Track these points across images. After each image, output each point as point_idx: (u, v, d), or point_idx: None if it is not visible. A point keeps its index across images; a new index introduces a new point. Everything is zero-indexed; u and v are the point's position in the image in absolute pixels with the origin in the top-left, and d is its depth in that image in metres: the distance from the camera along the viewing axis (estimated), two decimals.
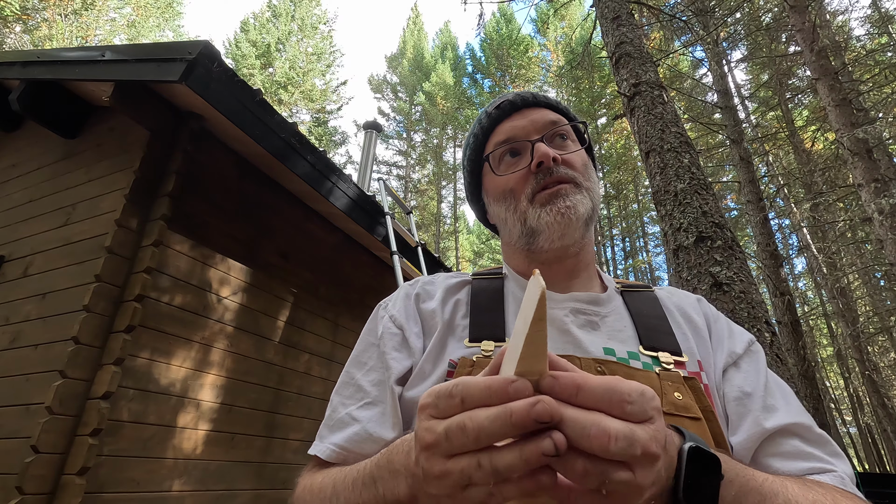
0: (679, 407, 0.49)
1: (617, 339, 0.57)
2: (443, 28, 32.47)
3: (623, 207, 24.67)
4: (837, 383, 23.79)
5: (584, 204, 0.62)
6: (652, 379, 0.51)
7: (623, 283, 0.69)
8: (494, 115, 0.69)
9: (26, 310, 2.35)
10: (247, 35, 22.42)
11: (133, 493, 2.09)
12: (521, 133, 0.66)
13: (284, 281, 3.11)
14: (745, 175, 8.63)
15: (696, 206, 3.08)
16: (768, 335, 2.61)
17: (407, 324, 0.63)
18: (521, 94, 0.70)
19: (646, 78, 3.87)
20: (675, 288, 0.71)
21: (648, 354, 0.55)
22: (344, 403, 0.61)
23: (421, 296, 0.66)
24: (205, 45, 2.18)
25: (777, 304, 7.57)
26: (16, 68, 2.69)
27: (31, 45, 15.65)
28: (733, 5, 10.15)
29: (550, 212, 0.60)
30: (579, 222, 0.61)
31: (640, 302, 0.64)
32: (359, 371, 0.62)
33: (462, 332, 0.60)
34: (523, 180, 0.64)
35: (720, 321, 0.65)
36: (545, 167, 0.62)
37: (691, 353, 0.58)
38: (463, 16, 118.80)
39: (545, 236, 0.62)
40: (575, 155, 0.65)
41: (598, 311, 0.61)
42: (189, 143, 2.51)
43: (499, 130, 0.68)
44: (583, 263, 0.67)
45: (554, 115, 0.68)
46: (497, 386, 0.29)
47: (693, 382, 0.53)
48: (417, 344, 0.61)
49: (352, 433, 0.57)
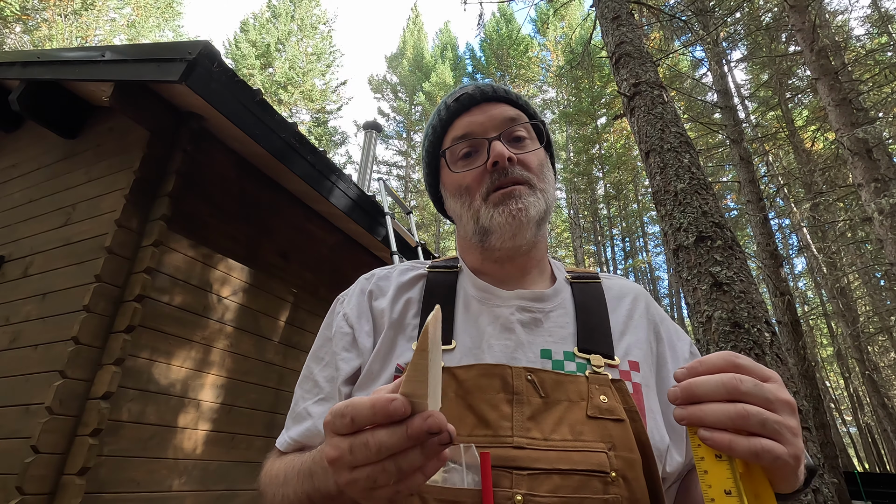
0: (603, 410, 0.52)
1: (557, 338, 0.60)
2: (443, 28, 32.49)
3: (623, 207, 24.67)
4: (837, 383, 23.79)
5: (535, 206, 0.63)
6: (580, 383, 0.54)
7: (573, 273, 0.70)
8: (453, 107, 0.68)
9: (26, 310, 2.35)
10: (246, 35, 22.42)
11: (133, 493, 2.09)
12: (479, 129, 0.66)
13: (284, 281, 3.11)
14: (745, 175, 8.63)
15: (696, 205, 3.08)
16: (768, 335, 2.61)
17: (358, 323, 0.64)
18: (481, 86, 0.69)
19: (646, 78, 3.87)
20: (625, 280, 0.72)
21: (582, 356, 0.58)
22: (303, 397, 0.64)
23: (374, 293, 0.67)
24: (205, 45, 2.18)
25: (777, 304, 7.57)
26: (16, 68, 2.69)
27: (31, 45, 15.65)
28: (733, 5, 10.15)
29: (503, 213, 0.61)
30: (531, 224, 0.62)
31: (586, 296, 0.65)
32: (316, 366, 0.65)
33: (412, 331, 0.61)
34: (478, 179, 0.64)
35: (666, 322, 0.67)
36: (500, 167, 0.62)
37: (624, 353, 0.60)
38: (463, 16, 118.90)
39: (497, 236, 0.63)
40: (531, 155, 0.66)
41: (542, 308, 0.63)
42: (189, 143, 2.51)
43: (457, 124, 0.68)
44: (534, 260, 0.68)
45: (513, 111, 0.67)
46: (380, 405, 0.34)
47: (620, 384, 0.55)
48: (367, 343, 0.62)
49: (304, 428, 0.61)
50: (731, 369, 0.40)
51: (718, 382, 0.39)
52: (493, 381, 0.53)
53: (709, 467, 0.40)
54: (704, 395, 0.39)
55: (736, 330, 2.63)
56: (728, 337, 2.63)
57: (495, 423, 0.50)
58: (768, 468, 0.39)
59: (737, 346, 2.58)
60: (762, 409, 0.38)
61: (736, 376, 0.39)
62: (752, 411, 0.38)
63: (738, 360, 0.41)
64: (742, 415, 0.38)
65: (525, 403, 0.52)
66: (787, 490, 0.42)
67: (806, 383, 7.10)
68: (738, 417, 0.38)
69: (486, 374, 0.54)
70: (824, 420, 6.82)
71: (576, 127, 22.72)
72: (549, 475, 0.47)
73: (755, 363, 0.42)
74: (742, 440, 0.38)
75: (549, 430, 0.50)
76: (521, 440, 0.49)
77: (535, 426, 0.50)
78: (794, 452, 0.39)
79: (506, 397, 0.52)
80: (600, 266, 24.48)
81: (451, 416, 0.51)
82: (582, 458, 0.48)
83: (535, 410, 0.51)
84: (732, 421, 0.38)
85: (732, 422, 0.38)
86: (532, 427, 0.50)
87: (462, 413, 0.52)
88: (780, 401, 0.39)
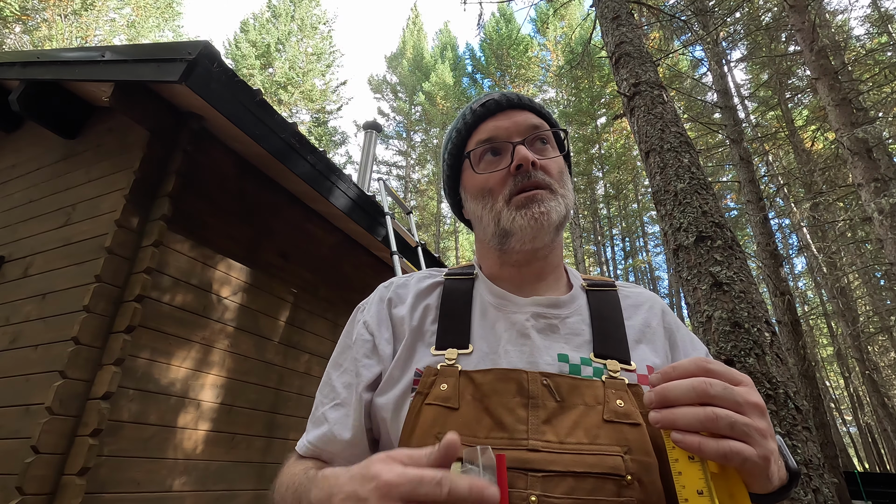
0: (620, 414, 0.53)
1: (573, 344, 0.61)
2: (442, 28, 32.48)
3: (623, 207, 24.67)
4: (837, 383, 23.79)
5: (557, 210, 0.64)
6: (596, 388, 0.55)
7: (589, 281, 0.71)
8: (479, 112, 0.70)
9: (26, 310, 2.35)
10: (246, 35, 22.42)
11: (133, 493, 2.09)
12: (504, 133, 0.67)
13: (284, 281, 3.11)
14: (745, 175, 8.63)
15: (696, 205, 3.08)
16: (768, 335, 2.61)
17: (378, 330, 0.66)
18: (507, 94, 0.71)
19: (646, 78, 3.87)
20: (641, 288, 0.73)
21: (599, 362, 0.58)
22: (322, 402, 0.66)
23: (393, 300, 0.69)
24: (205, 46, 2.18)
25: (777, 303, 7.57)
26: (16, 68, 2.69)
27: (31, 45, 15.64)
28: (733, 5, 10.15)
29: (525, 215, 0.62)
30: (551, 227, 0.63)
31: (602, 303, 0.66)
32: (335, 372, 0.67)
33: (430, 337, 0.63)
34: (502, 181, 0.65)
35: (682, 331, 0.68)
36: (524, 170, 0.64)
37: (641, 359, 0.61)
38: (463, 16, 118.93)
39: (517, 238, 0.64)
40: (553, 161, 0.67)
41: (558, 314, 0.64)
42: (189, 143, 2.51)
43: (482, 128, 0.69)
44: (551, 266, 0.69)
45: (536, 119, 0.69)
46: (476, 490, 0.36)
47: (637, 389, 0.56)
48: (387, 350, 0.64)
49: (321, 433, 0.63)
50: (702, 374, 0.42)
51: (689, 387, 0.41)
52: (509, 386, 0.54)
53: (683, 468, 0.42)
54: (676, 399, 0.42)
55: (736, 330, 2.63)
56: (728, 337, 2.63)
57: (511, 426, 0.52)
58: (739, 469, 0.41)
59: (737, 345, 2.58)
60: (731, 413, 0.40)
61: (706, 380, 0.41)
62: (720, 414, 0.40)
63: (710, 365, 0.43)
64: (711, 418, 0.40)
65: (541, 407, 0.53)
66: (762, 490, 0.43)
67: (806, 383, 7.10)
68: (708, 420, 0.40)
69: (502, 379, 0.55)
70: (824, 420, 6.82)
71: (575, 127, 22.73)
72: (563, 477, 0.48)
73: (727, 367, 0.44)
74: (711, 442, 0.39)
75: (565, 433, 0.51)
76: (537, 443, 0.50)
77: (551, 429, 0.51)
78: (763, 454, 0.40)
79: (521, 401, 0.53)
80: (600, 266, 24.48)
81: (468, 418, 0.53)
82: (597, 460, 0.49)
83: (550, 414, 0.53)
84: (702, 423, 0.40)
85: (702, 424, 0.40)
86: (547, 430, 0.51)
87: (479, 416, 0.53)
88: (750, 404, 0.41)
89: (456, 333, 0.62)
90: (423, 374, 0.58)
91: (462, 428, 0.52)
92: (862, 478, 8.74)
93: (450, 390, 0.55)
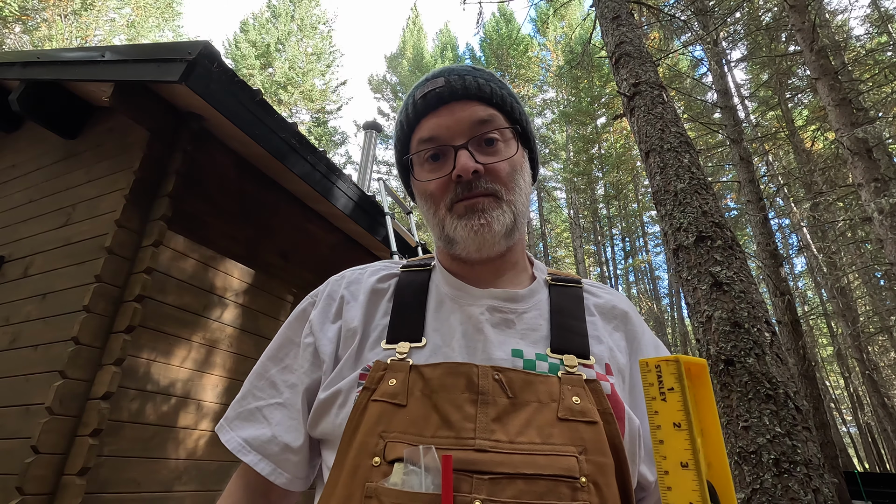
0: (575, 411, 0.50)
1: (528, 340, 0.58)
2: (443, 28, 32.49)
3: (623, 207, 24.66)
4: (837, 383, 23.78)
5: (500, 221, 0.60)
6: (552, 384, 0.52)
7: (554, 275, 0.68)
8: (420, 106, 0.64)
9: (26, 310, 2.35)
10: (246, 35, 22.41)
11: (133, 493, 2.09)
12: (445, 134, 0.61)
13: (284, 281, 3.11)
14: (745, 175, 8.63)
15: (696, 205, 3.08)
16: (768, 335, 2.61)
17: (322, 331, 0.62)
18: (452, 81, 0.63)
19: (645, 78, 3.87)
20: (609, 288, 0.70)
21: (555, 357, 0.56)
22: (255, 395, 0.63)
23: (344, 296, 0.65)
24: (205, 46, 2.18)
25: (777, 303, 7.57)
26: (16, 68, 2.69)
27: (31, 45, 15.65)
28: (733, 5, 10.15)
29: (465, 227, 0.59)
30: (496, 238, 0.60)
31: (564, 298, 0.64)
32: (275, 367, 0.64)
33: (381, 332, 0.60)
34: (443, 188, 0.61)
35: (646, 335, 0.66)
36: (464, 180, 0.59)
37: (601, 356, 0.58)
38: (463, 16, 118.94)
39: (461, 247, 0.61)
40: (502, 164, 0.61)
41: (514, 309, 0.61)
42: (189, 143, 2.51)
43: (423, 126, 0.63)
44: (509, 263, 0.66)
45: (486, 111, 0.62)
46: None
47: (595, 385, 0.53)
48: (330, 349, 0.61)
49: (259, 433, 0.60)
50: None
51: None
52: (458, 381, 0.51)
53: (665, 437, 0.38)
54: None
55: (736, 329, 2.63)
56: (728, 337, 2.63)
57: (458, 424, 0.48)
58: None
59: (737, 345, 2.58)
60: None
61: None
62: None
63: None
64: None
65: (490, 404, 0.50)
66: None
67: (806, 383, 7.10)
68: None
69: (451, 373, 0.52)
70: (824, 420, 6.82)
71: (575, 127, 22.72)
72: (512, 480, 0.45)
73: None
74: None
75: (516, 432, 0.48)
76: (484, 442, 0.47)
77: (501, 428, 0.48)
78: None
79: (470, 397, 0.50)
80: (600, 266, 24.48)
81: (415, 416, 0.50)
82: (549, 462, 0.46)
83: (501, 411, 0.49)
84: None
85: None
86: (497, 429, 0.48)
87: (427, 413, 0.50)
88: None
89: (409, 326, 0.59)
90: (372, 369, 0.54)
91: (408, 426, 0.49)
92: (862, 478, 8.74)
93: (398, 386, 0.52)
